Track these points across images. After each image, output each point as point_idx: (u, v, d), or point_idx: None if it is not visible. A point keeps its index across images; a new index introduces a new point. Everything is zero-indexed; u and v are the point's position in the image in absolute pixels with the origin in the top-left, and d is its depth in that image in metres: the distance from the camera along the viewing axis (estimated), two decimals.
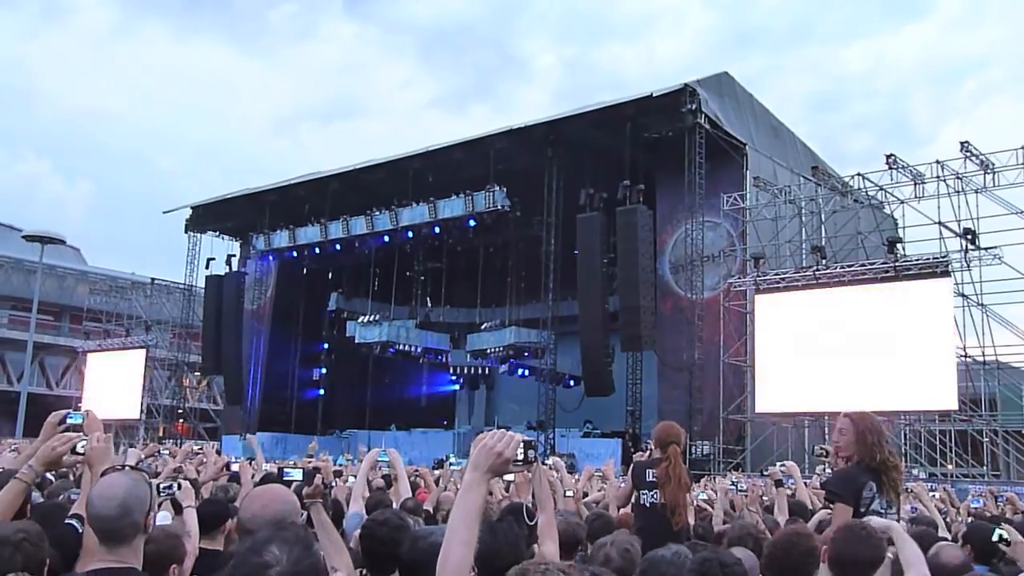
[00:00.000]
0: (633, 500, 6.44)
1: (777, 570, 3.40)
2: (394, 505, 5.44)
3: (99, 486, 2.88)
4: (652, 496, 6.11)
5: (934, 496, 8.02)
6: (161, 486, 4.91)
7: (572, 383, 32.15)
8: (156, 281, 43.12)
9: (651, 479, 6.15)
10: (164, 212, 38.69)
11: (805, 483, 7.97)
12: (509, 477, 4.23)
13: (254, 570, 2.04)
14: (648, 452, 6.88)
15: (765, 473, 7.46)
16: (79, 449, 3.36)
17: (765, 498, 7.74)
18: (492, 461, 2.36)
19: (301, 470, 3.71)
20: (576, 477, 9.91)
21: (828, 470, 12.17)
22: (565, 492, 6.71)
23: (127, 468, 2.99)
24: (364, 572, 3.39)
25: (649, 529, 5.69)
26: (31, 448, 3.50)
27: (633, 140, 25.81)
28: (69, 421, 3.64)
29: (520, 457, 2.38)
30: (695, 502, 7.49)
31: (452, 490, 7.24)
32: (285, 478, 3.65)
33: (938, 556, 4.03)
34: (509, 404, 37.89)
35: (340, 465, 11.65)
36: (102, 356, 41.16)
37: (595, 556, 3.76)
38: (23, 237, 33.84)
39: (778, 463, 6.90)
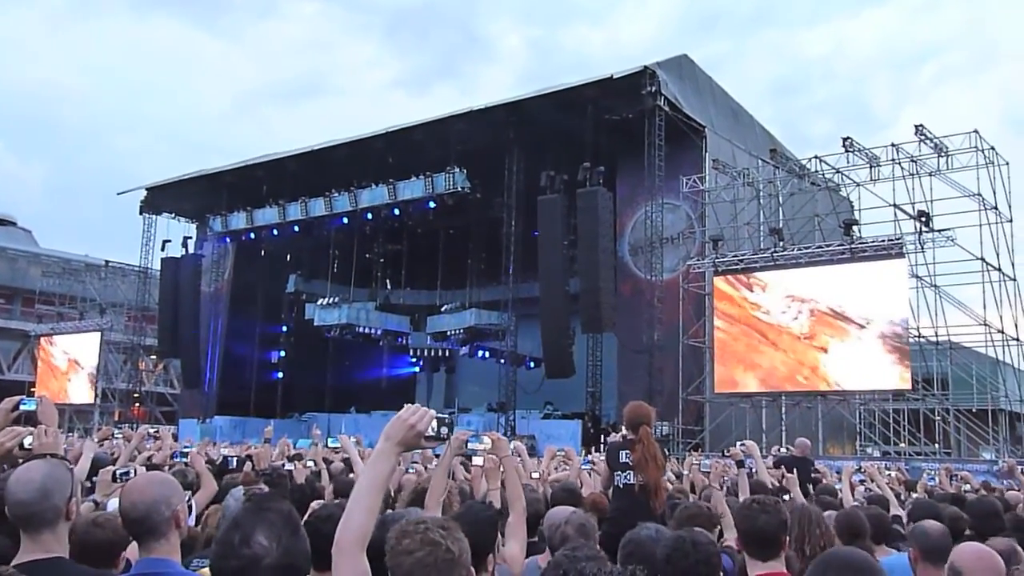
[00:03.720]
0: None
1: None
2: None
3: (16, 472, 2.82)
4: (626, 477, 6.08)
5: (889, 475, 8.15)
6: (118, 472, 4.83)
7: (532, 365, 32.22)
8: (111, 263, 42.39)
9: (624, 460, 6.13)
10: (118, 193, 38.02)
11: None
12: (478, 460, 4.22)
13: (244, 563, 1.97)
14: (621, 433, 6.85)
15: (727, 454, 7.51)
16: (26, 444, 3.28)
17: (726, 478, 7.81)
18: (405, 433, 2.35)
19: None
20: (538, 459, 9.92)
21: (783, 450, 12.34)
22: (531, 474, 6.71)
23: (48, 456, 2.92)
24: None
25: (625, 511, 5.67)
26: None
27: (594, 122, 25.78)
28: (23, 407, 3.54)
29: (433, 433, 2.39)
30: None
31: (412, 473, 7.20)
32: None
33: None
34: (470, 386, 37.92)
35: (300, 448, 11.54)
36: (55, 339, 40.51)
37: (552, 537, 3.75)
38: None
39: (738, 443, 6.94)
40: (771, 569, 3.28)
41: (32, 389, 36.05)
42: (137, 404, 39.43)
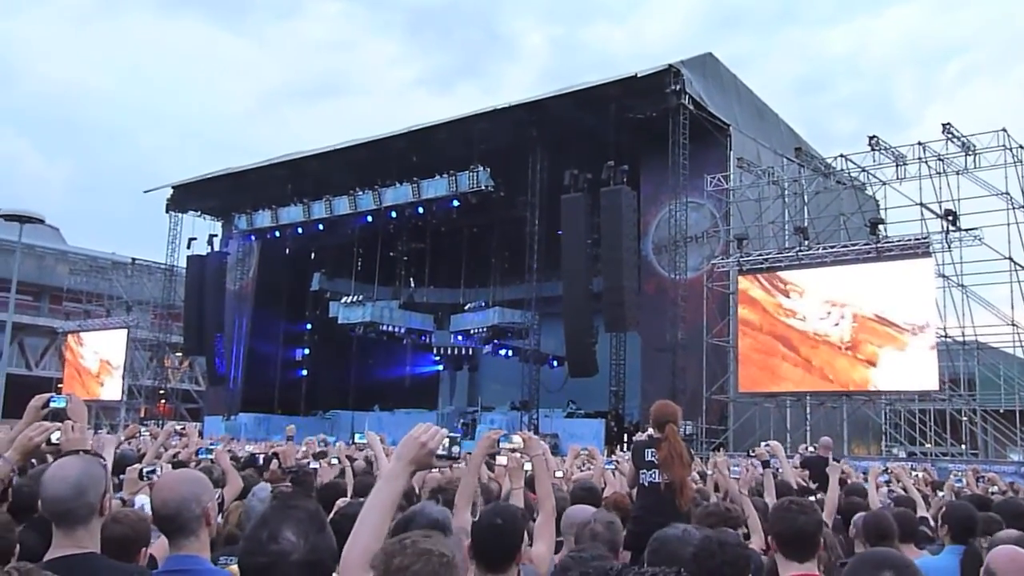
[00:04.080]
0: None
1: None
2: None
3: (52, 468, 2.85)
4: (652, 476, 6.08)
5: (915, 476, 8.09)
6: (144, 470, 4.87)
7: (556, 364, 32.19)
8: (137, 261, 42.74)
9: (650, 459, 6.12)
10: (145, 191, 38.39)
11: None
12: (502, 460, 4.22)
13: (273, 559, 1.99)
14: (647, 432, 6.84)
15: (752, 454, 7.47)
16: (54, 440, 3.32)
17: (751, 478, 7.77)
18: (416, 452, 2.36)
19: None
20: (561, 458, 9.91)
21: (810, 449, 12.26)
22: (554, 473, 6.71)
23: (81, 453, 2.95)
24: None
25: (651, 509, 5.68)
26: (12, 432, 3.44)
27: (617, 121, 25.73)
28: (52, 405, 3.58)
29: (444, 451, 2.40)
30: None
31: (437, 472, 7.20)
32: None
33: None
34: (492, 385, 37.92)
35: (326, 446, 11.56)
36: (82, 337, 40.91)
37: (582, 534, 3.75)
38: (1, 216, 33.42)
39: (762, 443, 6.90)
40: (807, 570, 3.27)
41: (59, 386, 36.48)
42: (163, 401, 39.75)
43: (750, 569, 2.98)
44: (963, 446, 23.18)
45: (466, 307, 35.53)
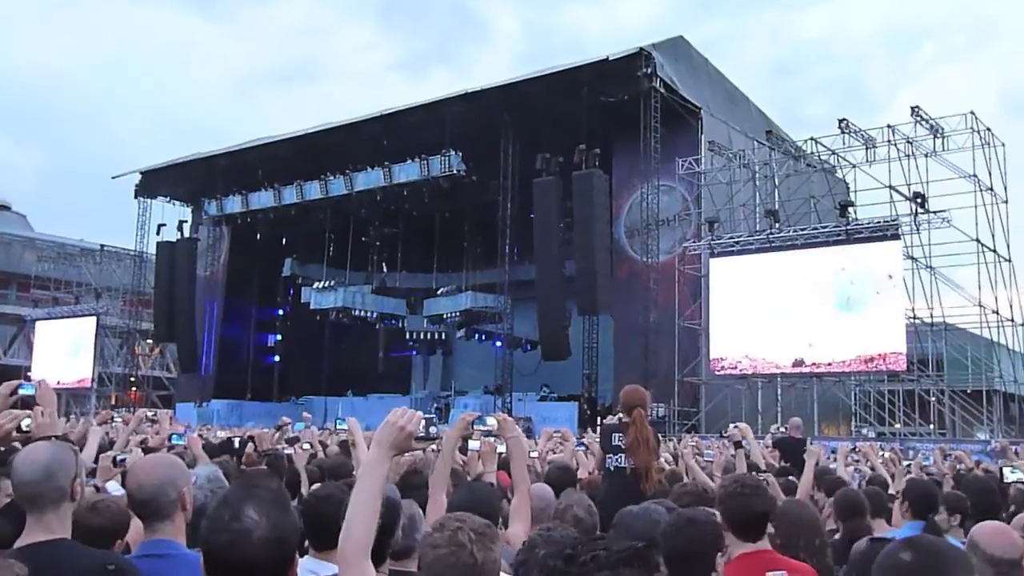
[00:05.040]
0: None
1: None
2: (356, 471, 5.42)
3: (21, 453, 2.84)
4: (618, 460, 6.11)
5: (882, 455, 8.19)
6: (117, 457, 4.84)
7: (529, 347, 32.23)
8: (106, 248, 42.31)
9: (616, 443, 6.15)
10: (113, 177, 37.96)
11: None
12: (474, 444, 4.25)
13: (235, 536, 2.00)
14: (617, 416, 6.88)
15: (724, 435, 7.54)
16: (24, 427, 3.30)
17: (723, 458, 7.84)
18: (396, 436, 2.38)
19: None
20: (535, 440, 9.96)
21: (781, 429, 12.39)
22: (529, 453, 6.74)
23: (53, 438, 2.93)
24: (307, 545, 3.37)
25: (615, 493, 5.70)
26: None
27: (589, 104, 25.72)
28: (21, 392, 3.56)
29: (423, 433, 2.43)
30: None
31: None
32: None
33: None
34: (466, 369, 37.96)
35: (297, 431, 11.53)
36: (51, 324, 40.48)
37: (563, 517, 3.77)
38: None
39: (731, 425, 6.97)
40: (758, 547, 3.33)
41: (29, 374, 36.02)
42: (134, 388, 39.48)
43: (720, 546, 3.02)
44: (931, 426, 23.51)
45: (439, 292, 35.47)
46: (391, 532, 2.82)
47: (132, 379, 39.39)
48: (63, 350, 39.12)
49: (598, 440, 6.87)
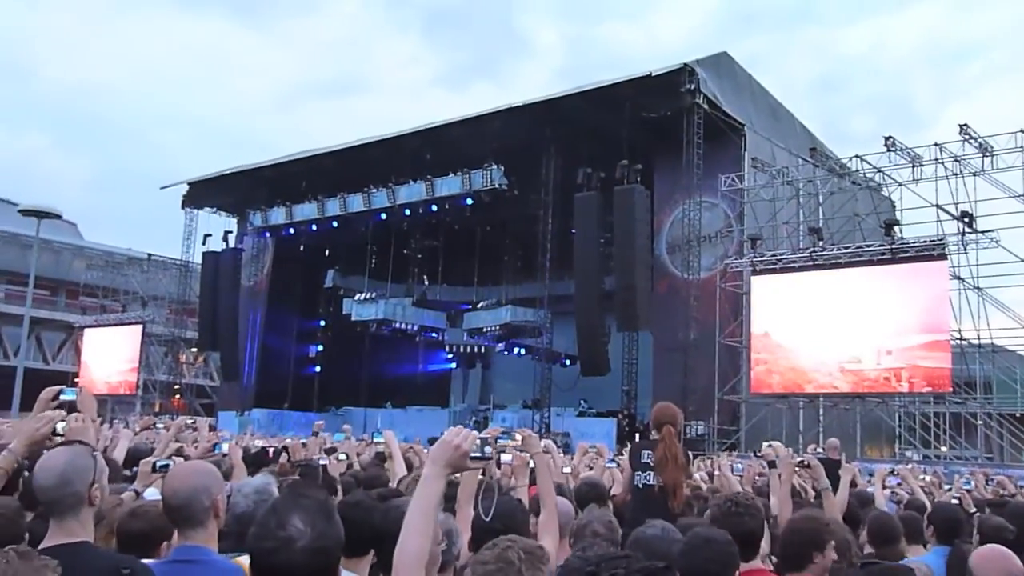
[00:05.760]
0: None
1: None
2: (391, 483, 5.47)
3: (41, 459, 2.90)
4: (646, 478, 6.07)
5: (924, 479, 8.07)
6: (157, 463, 4.92)
7: (568, 362, 32.20)
8: (153, 257, 43.04)
9: (645, 460, 6.11)
10: (161, 188, 38.59)
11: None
12: (507, 458, 4.28)
13: (279, 544, 2.06)
14: (645, 433, 6.86)
15: (758, 454, 7.47)
16: (59, 430, 3.36)
17: (758, 480, 7.77)
18: (450, 455, 2.43)
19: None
20: (571, 456, 9.93)
21: (819, 449, 12.24)
22: (563, 468, 6.74)
23: (75, 444, 2.98)
24: None
25: (643, 511, 5.61)
26: (21, 424, 3.51)
27: (631, 120, 25.69)
28: (63, 397, 3.64)
29: (477, 452, 2.47)
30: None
31: None
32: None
33: None
34: (504, 383, 37.97)
35: (337, 441, 11.63)
36: (98, 331, 41.21)
37: (583, 533, 3.78)
38: (19, 211, 33.70)
39: (764, 444, 6.91)
40: (754, 567, 3.36)
41: (75, 380, 36.70)
42: (177, 396, 40.01)
43: (737, 565, 3.02)
44: (978, 450, 23.07)
45: (479, 305, 35.60)
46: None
47: (176, 387, 39.94)
48: (109, 357, 39.82)
49: (626, 459, 6.84)
